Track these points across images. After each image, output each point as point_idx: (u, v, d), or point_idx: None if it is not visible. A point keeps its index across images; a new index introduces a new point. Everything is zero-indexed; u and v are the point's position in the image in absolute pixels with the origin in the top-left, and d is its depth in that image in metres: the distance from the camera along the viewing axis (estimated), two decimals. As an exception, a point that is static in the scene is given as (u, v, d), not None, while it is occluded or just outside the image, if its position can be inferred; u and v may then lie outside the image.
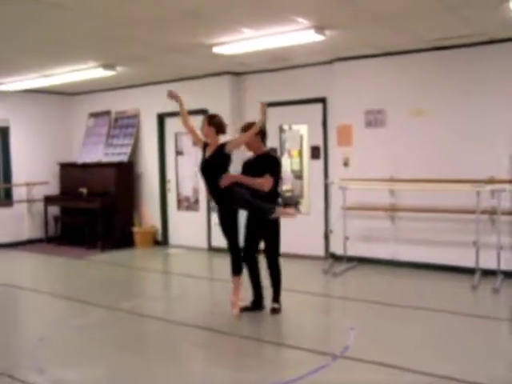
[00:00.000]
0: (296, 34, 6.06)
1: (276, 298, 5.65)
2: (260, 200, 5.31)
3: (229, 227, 5.51)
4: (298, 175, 10.06)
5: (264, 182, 5.36)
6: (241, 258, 5.58)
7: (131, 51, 7.09)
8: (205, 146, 5.59)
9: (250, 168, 5.57)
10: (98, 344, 4.92)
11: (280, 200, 5.56)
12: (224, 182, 5.25)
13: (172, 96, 5.82)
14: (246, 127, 5.53)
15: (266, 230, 5.55)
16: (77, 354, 4.66)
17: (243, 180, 5.41)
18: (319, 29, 5.97)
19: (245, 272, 5.63)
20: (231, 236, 5.52)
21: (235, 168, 5.74)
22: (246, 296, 5.70)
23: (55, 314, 5.98)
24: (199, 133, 5.74)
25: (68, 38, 6.34)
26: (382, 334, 5.05)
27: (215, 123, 5.51)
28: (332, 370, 4.17)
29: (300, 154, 9.68)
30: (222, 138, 5.60)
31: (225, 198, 5.39)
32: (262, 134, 5.55)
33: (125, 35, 6.22)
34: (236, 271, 5.58)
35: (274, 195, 5.49)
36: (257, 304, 5.67)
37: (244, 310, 5.61)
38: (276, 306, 5.61)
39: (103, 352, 4.72)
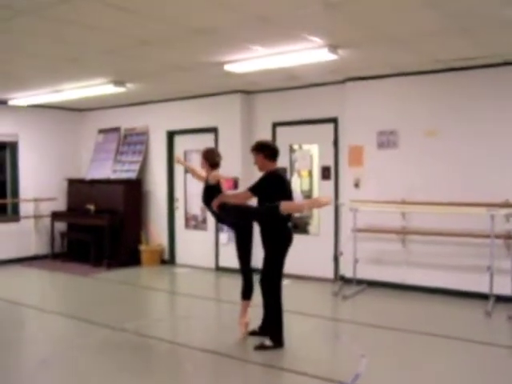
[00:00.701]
0: (309, 53, 5.98)
1: (271, 333, 5.25)
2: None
3: (238, 250, 5.42)
4: (308, 195, 9.93)
5: (238, 196, 5.32)
6: (250, 283, 5.45)
7: (142, 68, 7.04)
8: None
9: None
10: (102, 366, 4.78)
11: (289, 224, 5.36)
12: (214, 206, 5.21)
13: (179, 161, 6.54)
14: (256, 147, 5.38)
15: (273, 248, 5.24)
16: (80, 377, 4.52)
17: (224, 198, 5.25)
18: (332, 48, 5.89)
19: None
20: (240, 259, 5.43)
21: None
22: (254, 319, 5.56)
23: (59, 334, 5.84)
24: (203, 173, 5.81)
25: (80, 55, 6.31)
26: (394, 361, 4.89)
27: (208, 158, 5.58)
28: (342, 400, 4.01)
29: (310, 174, 9.56)
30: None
31: (222, 219, 5.47)
32: (269, 152, 5.27)
33: (136, 53, 6.18)
34: (244, 295, 5.46)
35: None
36: (265, 330, 5.41)
37: (251, 334, 5.46)
38: (266, 342, 5.19)
39: (107, 375, 4.58)
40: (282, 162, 8.43)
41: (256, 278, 5.40)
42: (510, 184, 6.73)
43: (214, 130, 9.20)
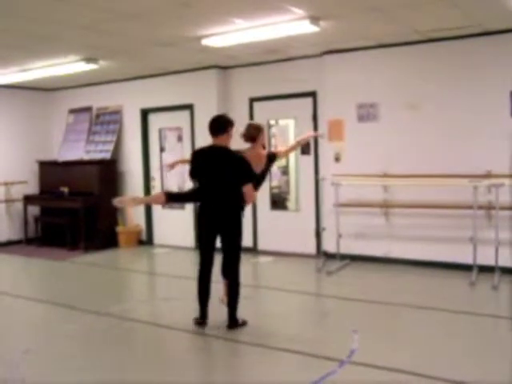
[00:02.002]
0: (290, 25, 5.83)
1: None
2: None
3: None
4: (285, 171, 9.84)
5: None
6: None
7: (116, 44, 6.78)
8: None
9: None
10: (90, 353, 4.63)
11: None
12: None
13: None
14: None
15: None
16: (66, 366, 4.35)
17: None
18: (314, 19, 5.75)
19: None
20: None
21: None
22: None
23: (42, 321, 5.65)
24: None
25: (53, 31, 6.03)
26: (385, 335, 4.87)
27: None
28: (342, 377, 3.94)
29: (286, 149, 9.45)
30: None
31: None
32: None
33: (110, 27, 5.94)
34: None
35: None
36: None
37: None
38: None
39: (96, 362, 4.43)
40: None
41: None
42: (490, 156, 6.72)
43: (189, 107, 9.00)
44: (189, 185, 8.99)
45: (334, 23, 6.00)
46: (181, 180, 9.32)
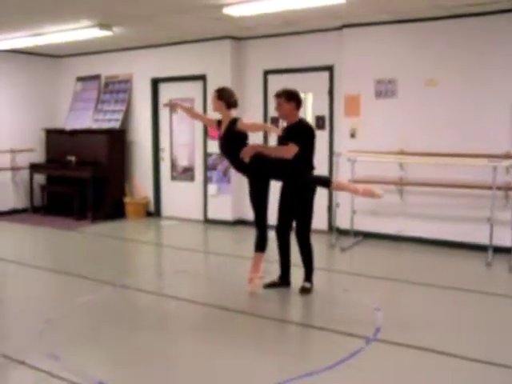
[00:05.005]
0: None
1: (308, 276, 5.39)
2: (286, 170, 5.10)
3: (258, 201, 5.20)
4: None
5: (287, 150, 4.98)
6: (266, 234, 5.28)
7: (133, 10, 6.59)
8: (219, 123, 5.29)
9: (281, 137, 5.21)
10: (111, 325, 4.56)
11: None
12: (245, 156, 4.92)
13: (171, 106, 5.98)
14: (289, 94, 5.12)
15: (302, 205, 5.31)
16: (89, 337, 4.31)
17: (263, 150, 5.08)
18: (341, -10, 5.60)
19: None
20: (259, 210, 5.22)
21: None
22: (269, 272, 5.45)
23: (57, 291, 5.60)
24: (208, 116, 5.58)
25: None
26: (408, 313, 4.82)
27: (225, 97, 5.11)
28: (371, 355, 3.90)
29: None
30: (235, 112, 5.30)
31: (253, 170, 5.09)
32: (298, 101, 5.14)
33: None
34: (260, 247, 5.30)
35: (305, 166, 5.16)
36: (284, 280, 5.44)
37: (270, 285, 5.39)
38: (307, 285, 5.33)
39: (119, 333, 4.38)
40: (273, 111, 8.25)
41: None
42: (510, 135, 6.64)
43: (202, 78, 8.84)
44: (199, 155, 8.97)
45: (359, -6, 5.86)
46: (191, 151, 9.24)
